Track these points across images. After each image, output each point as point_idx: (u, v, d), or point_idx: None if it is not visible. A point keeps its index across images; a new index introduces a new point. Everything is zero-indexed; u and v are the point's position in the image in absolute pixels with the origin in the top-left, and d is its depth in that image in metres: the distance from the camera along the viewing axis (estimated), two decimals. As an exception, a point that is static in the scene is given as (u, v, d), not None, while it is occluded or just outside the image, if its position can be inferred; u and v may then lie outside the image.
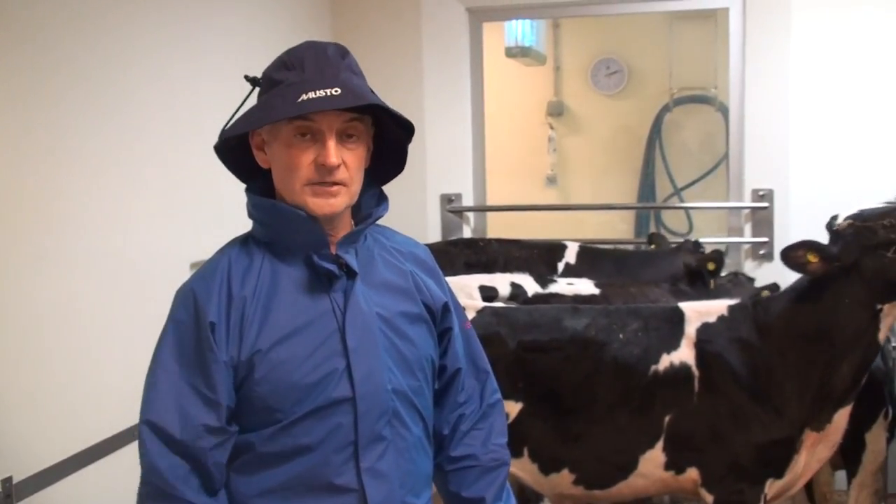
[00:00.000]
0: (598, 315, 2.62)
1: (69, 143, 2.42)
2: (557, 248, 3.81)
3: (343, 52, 1.51)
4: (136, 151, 2.70)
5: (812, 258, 2.34)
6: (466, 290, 3.04)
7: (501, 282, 3.25)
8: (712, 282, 3.37)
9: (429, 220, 4.28)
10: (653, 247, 3.87)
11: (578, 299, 3.06)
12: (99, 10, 2.56)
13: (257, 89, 1.54)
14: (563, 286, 3.31)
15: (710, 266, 3.39)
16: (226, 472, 1.47)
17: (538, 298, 3.14)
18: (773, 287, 3.06)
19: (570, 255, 3.75)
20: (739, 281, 3.44)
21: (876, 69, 3.80)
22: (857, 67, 3.82)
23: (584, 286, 3.23)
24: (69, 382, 2.38)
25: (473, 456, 1.66)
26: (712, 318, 2.53)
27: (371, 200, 1.62)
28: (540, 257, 3.74)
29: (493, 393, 1.73)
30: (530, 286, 3.29)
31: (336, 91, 1.42)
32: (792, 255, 2.37)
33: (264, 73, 1.53)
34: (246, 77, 1.55)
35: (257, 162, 1.54)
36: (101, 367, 2.48)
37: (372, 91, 1.50)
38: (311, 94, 1.41)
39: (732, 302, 2.59)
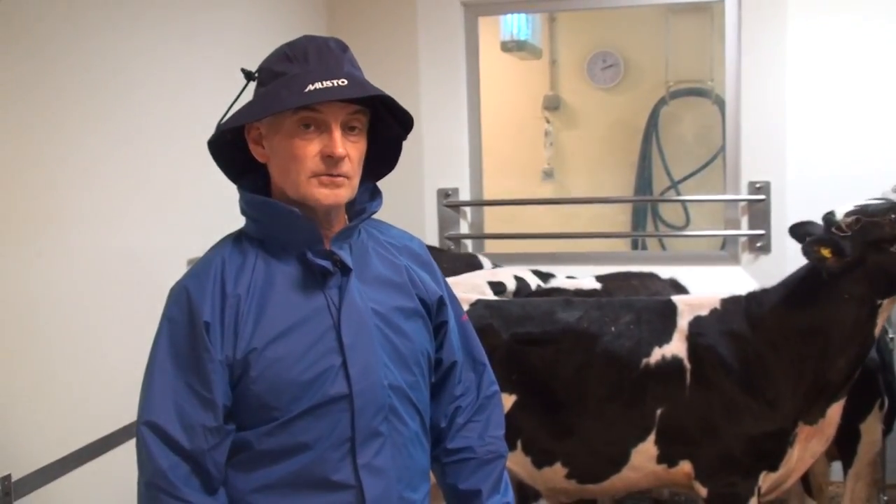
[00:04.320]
0: (591, 308, 2.63)
1: (67, 139, 2.42)
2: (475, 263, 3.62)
3: (343, 47, 1.52)
4: (133, 147, 2.70)
5: (826, 253, 2.32)
6: (479, 288, 3.05)
7: (506, 276, 3.26)
8: None
9: (426, 214, 4.28)
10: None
11: (581, 293, 3.06)
12: (96, 7, 2.55)
13: (253, 83, 1.54)
14: (564, 280, 3.32)
15: None
16: (224, 470, 1.46)
17: (541, 293, 3.15)
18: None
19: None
20: None
21: (872, 61, 3.80)
22: (854, 59, 3.82)
23: (586, 281, 3.24)
24: (67, 380, 2.38)
25: (470, 448, 1.67)
26: (704, 312, 2.54)
27: (365, 195, 1.61)
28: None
29: (491, 385, 1.73)
30: (532, 280, 3.30)
31: (343, 82, 1.42)
32: (812, 250, 2.35)
33: (263, 66, 1.52)
34: (242, 70, 1.54)
35: (253, 157, 1.53)
36: (99, 363, 2.48)
37: None
38: (318, 85, 1.41)
39: (725, 295, 2.59)
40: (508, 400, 2.55)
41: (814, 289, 2.39)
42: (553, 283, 3.28)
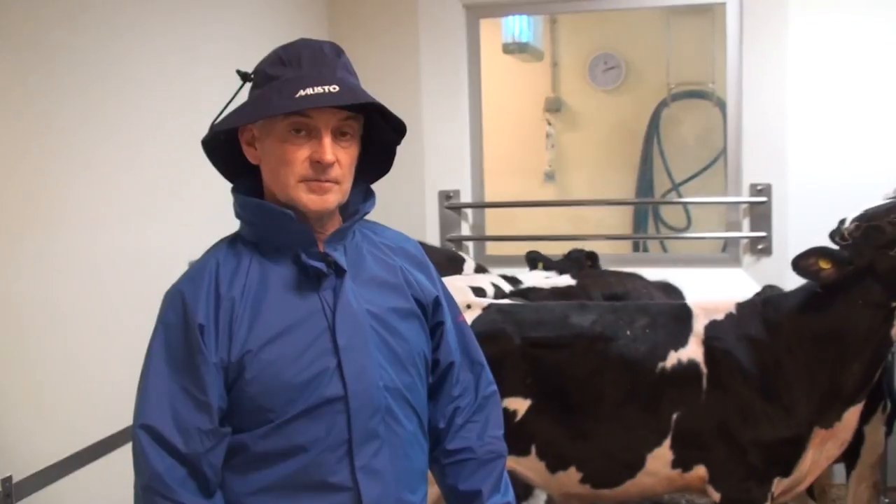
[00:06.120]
0: (605, 311, 2.60)
1: (67, 142, 2.43)
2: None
3: (338, 51, 1.51)
4: (134, 149, 2.71)
5: (824, 264, 2.31)
6: (462, 292, 3.05)
7: (483, 282, 3.27)
8: None
9: (427, 216, 4.28)
10: (540, 265, 3.70)
11: (556, 292, 3.05)
12: (96, 10, 2.56)
13: (248, 84, 1.54)
14: (541, 279, 3.30)
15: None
16: (221, 473, 1.46)
17: (516, 294, 3.13)
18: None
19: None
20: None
21: (873, 63, 3.80)
22: (854, 61, 3.82)
23: (562, 279, 3.24)
24: (68, 381, 2.39)
25: (469, 449, 1.66)
26: (720, 316, 2.51)
27: (358, 196, 1.61)
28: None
29: (489, 385, 1.73)
30: (505, 286, 3.30)
31: (334, 88, 1.42)
32: (803, 264, 2.34)
33: (258, 68, 1.52)
34: (237, 72, 1.54)
35: (247, 159, 1.53)
36: (100, 365, 2.49)
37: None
38: (309, 90, 1.41)
39: (741, 299, 2.57)
40: (522, 405, 2.53)
41: (830, 294, 2.36)
42: (528, 284, 3.27)
